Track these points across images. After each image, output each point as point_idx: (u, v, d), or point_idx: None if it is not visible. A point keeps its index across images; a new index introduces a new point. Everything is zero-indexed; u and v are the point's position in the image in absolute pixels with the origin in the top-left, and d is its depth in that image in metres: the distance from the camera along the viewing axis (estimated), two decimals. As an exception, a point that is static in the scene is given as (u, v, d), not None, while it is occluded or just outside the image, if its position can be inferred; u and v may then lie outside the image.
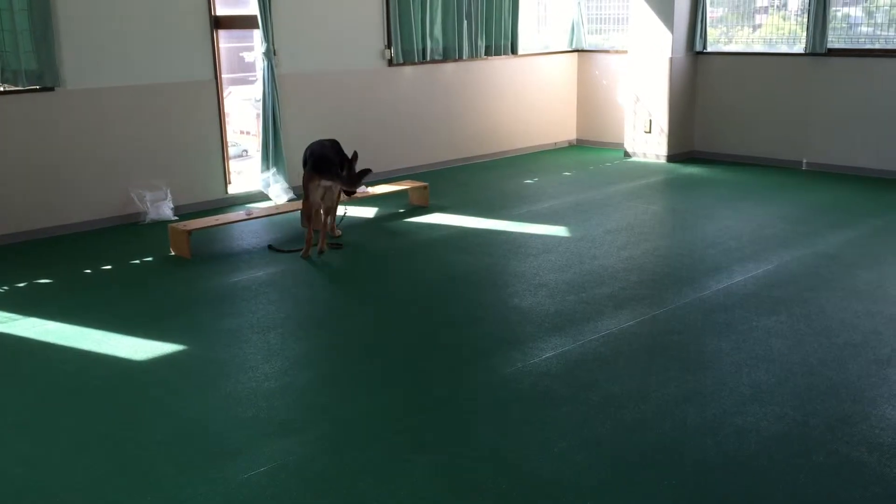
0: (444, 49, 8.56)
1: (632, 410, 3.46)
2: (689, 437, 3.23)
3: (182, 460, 3.15)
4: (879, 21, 8.05)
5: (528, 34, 9.79)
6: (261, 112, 7.34)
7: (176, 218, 6.73)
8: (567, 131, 10.11)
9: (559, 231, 6.27)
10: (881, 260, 5.37)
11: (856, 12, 8.25)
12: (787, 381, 3.69)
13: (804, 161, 8.41)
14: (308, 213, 5.80)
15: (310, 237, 5.78)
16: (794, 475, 2.97)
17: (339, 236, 6.14)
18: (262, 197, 7.41)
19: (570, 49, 9.91)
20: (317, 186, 5.69)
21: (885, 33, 7.94)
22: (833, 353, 3.96)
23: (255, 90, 7.45)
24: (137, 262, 5.72)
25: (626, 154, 9.28)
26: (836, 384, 3.64)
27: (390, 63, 8.19)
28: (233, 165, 7.62)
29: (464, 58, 8.73)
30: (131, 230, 6.55)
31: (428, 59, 8.43)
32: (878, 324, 4.30)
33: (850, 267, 5.23)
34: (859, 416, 3.36)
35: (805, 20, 8.18)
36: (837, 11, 8.19)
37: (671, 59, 8.69)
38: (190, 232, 5.76)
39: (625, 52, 9.28)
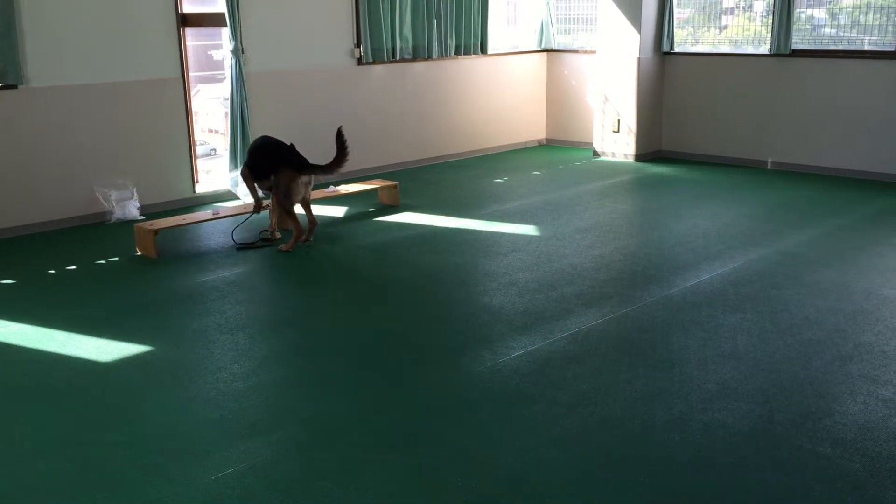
0: (414, 48, 8.55)
1: (600, 408, 3.48)
2: (657, 434, 3.26)
3: (148, 462, 3.11)
4: (842, 22, 8.18)
5: (498, 34, 9.81)
6: (229, 110, 7.27)
7: (142, 217, 6.65)
8: (536, 131, 10.15)
9: (529, 230, 6.29)
10: (844, 258, 5.45)
11: (820, 14, 8.38)
12: (753, 377, 3.73)
13: (769, 161, 8.52)
14: (291, 212, 5.84)
15: (298, 229, 5.87)
16: (759, 471, 3.00)
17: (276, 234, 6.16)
18: (231, 196, 7.35)
19: (539, 49, 9.95)
20: (299, 185, 5.81)
21: (848, 34, 8.07)
22: (797, 350, 4.01)
23: (224, 88, 7.39)
24: (103, 262, 5.65)
25: (595, 153, 9.34)
26: (800, 380, 3.70)
27: (360, 62, 8.17)
28: (201, 164, 7.55)
29: (433, 57, 8.73)
30: (96, 230, 6.46)
31: (397, 58, 8.42)
32: (841, 321, 4.37)
33: (814, 265, 5.31)
34: (823, 411, 3.41)
35: (770, 21, 8.29)
36: (802, 13, 8.30)
37: (639, 60, 8.76)
38: (156, 231, 5.70)
39: (593, 52, 9.34)
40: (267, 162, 5.87)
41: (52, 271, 5.46)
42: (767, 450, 3.14)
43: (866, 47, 7.89)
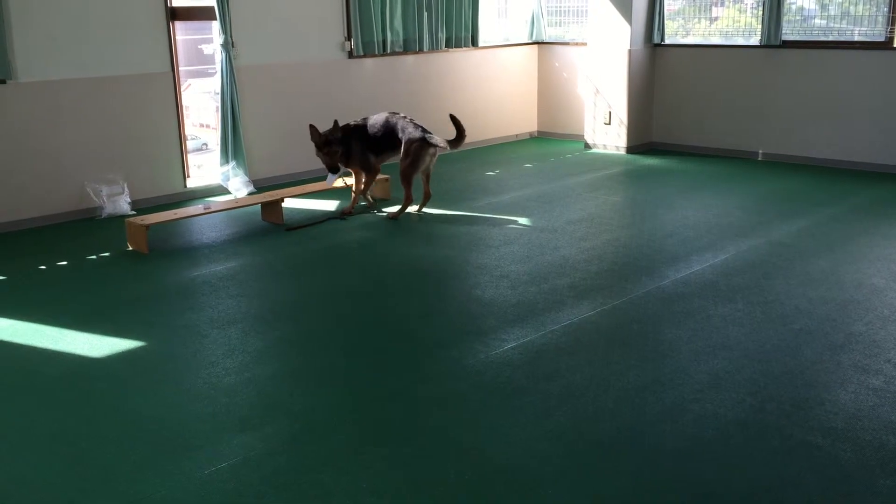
0: (405, 41, 8.54)
1: (592, 399, 3.49)
2: (649, 425, 3.27)
3: (140, 457, 3.11)
4: (832, 13, 8.20)
5: (489, 26, 9.80)
6: (219, 105, 7.25)
7: (133, 212, 6.63)
8: (528, 123, 10.15)
9: (521, 222, 6.29)
10: (834, 248, 5.47)
11: (810, 5, 8.39)
12: (744, 367, 3.75)
13: (760, 152, 8.54)
14: (410, 180, 6.40)
15: (409, 198, 6.45)
16: (751, 460, 3.02)
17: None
18: (222, 191, 7.33)
19: (530, 41, 9.94)
20: (426, 156, 6.38)
21: (838, 25, 8.09)
22: (788, 340, 4.03)
23: (214, 83, 7.36)
24: (94, 257, 5.63)
25: (587, 146, 9.35)
26: (791, 370, 3.71)
27: (350, 55, 8.15)
28: (192, 159, 7.53)
29: (424, 50, 8.71)
30: (87, 225, 6.44)
31: (388, 51, 8.40)
32: (832, 310, 4.39)
33: (805, 255, 5.33)
34: (814, 400, 3.43)
35: (760, 13, 8.29)
36: (792, 4, 8.32)
37: (630, 52, 8.76)
38: (147, 226, 5.68)
39: (584, 44, 9.34)
40: (388, 135, 6.44)
41: (43, 267, 5.44)
42: (759, 439, 3.15)
43: (856, 38, 7.90)
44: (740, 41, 8.67)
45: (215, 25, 7.11)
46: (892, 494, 2.79)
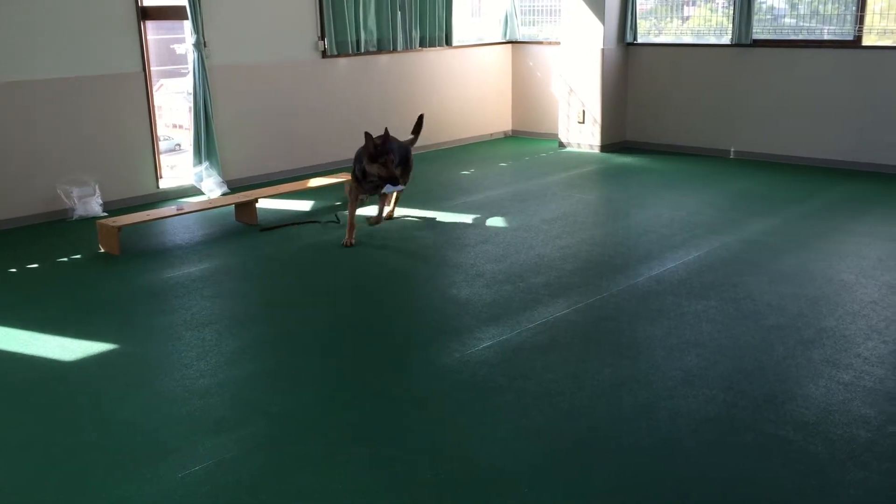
0: (379, 40, 8.52)
1: (568, 397, 3.50)
2: (624, 422, 3.29)
3: (114, 461, 3.08)
4: (802, 12, 8.29)
5: (462, 25, 9.80)
6: (192, 105, 7.20)
7: (105, 214, 6.56)
8: (502, 122, 10.18)
9: (496, 221, 6.30)
10: (805, 244, 5.54)
11: (780, 4, 8.49)
12: (717, 364, 3.78)
13: (732, 149, 8.62)
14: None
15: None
16: (725, 456, 3.05)
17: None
18: (196, 191, 7.28)
19: (504, 40, 9.97)
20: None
21: (808, 24, 8.18)
22: (761, 336, 4.08)
23: (187, 83, 7.31)
24: (65, 259, 5.56)
25: (561, 144, 9.39)
26: (763, 366, 3.75)
27: (324, 55, 8.12)
28: (166, 160, 7.47)
29: (398, 49, 8.70)
30: (58, 227, 6.36)
31: (362, 50, 8.38)
32: (803, 306, 4.44)
33: (776, 251, 5.39)
34: (785, 395, 3.47)
35: (731, 12, 8.37)
36: (763, 3, 8.40)
37: (603, 51, 8.81)
38: (119, 228, 5.62)
39: (557, 43, 9.37)
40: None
41: (13, 270, 5.37)
42: (732, 435, 3.18)
43: (826, 37, 8.00)
44: (712, 40, 8.75)
45: (187, 25, 7.05)
46: (863, 487, 2.83)
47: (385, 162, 5.52)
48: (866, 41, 7.73)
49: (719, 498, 2.80)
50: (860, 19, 7.70)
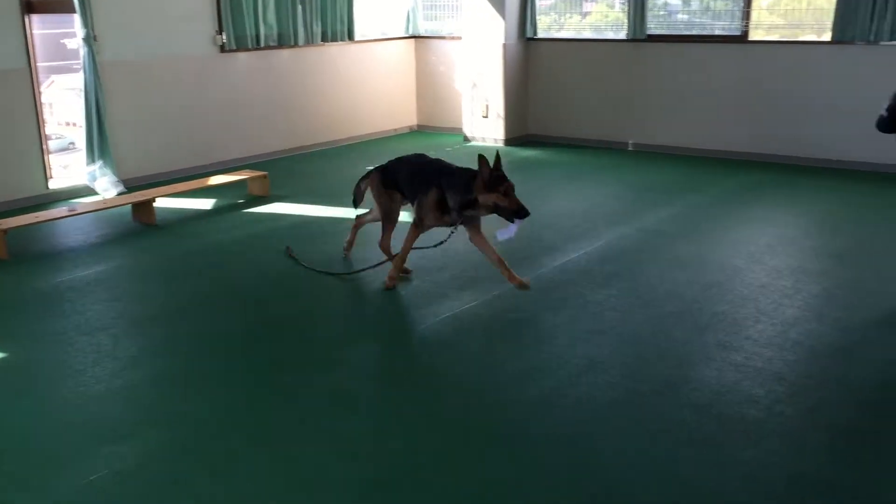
0: (279, 35, 8.38)
1: (476, 390, 3.53)
2: (530, 412, 3.34)
3: (4, 472, 2.93)
4: (694, 9, 8.58)
5: (365, 20, 9.74)
6: (83, 102, 6.91)
7: (-9, 217, 6.24)
8: (408, 117, 10.17)
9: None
10: (701, 232, 5.74)
11: (674, 0, 8.75)
12: (619, 351, 3.88)
13: (630, 142, 8.85)
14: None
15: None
16: (629, 440, 3.13)
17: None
18: (89, 191, 7.00)
19: (406, 35, 9.95)
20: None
21: (700, 20, 8.47)
22: (659, 323, 4.20)
23: (78, 79, 7.01)
24: (-53, 265, 5.28)
25: (466, 138, 9.45)
26: (662, 351, 3.87)
27: (223, 49, 7.93)
28: (58, 159, 7.16)
29: (300, 44, 8.58)
30: (-61, 231, 6.02)
31: (262, 45, 8.23)
32: (698, 292, 4.60)
33: (674, 240, 5.57)
34: (682, 379, 3.58)
35: (627, 8, 8.58)
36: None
37: (504, 46, 8.90)
38: (6, 231, 5.36)
39: (459, 38, 9.42)
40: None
41: None
42: (634, 419, 3.27)
43: (716, 32, 8.30)
44: (610, 35, 8.96)
45: (77, 18, 6.77)
46: (756, 464, 2.95)
47: (506, 190, 4.36)
48: (753, 36, 8.05)
49: (622, 480, 2.87)
50: (747, 15, 8.01)
